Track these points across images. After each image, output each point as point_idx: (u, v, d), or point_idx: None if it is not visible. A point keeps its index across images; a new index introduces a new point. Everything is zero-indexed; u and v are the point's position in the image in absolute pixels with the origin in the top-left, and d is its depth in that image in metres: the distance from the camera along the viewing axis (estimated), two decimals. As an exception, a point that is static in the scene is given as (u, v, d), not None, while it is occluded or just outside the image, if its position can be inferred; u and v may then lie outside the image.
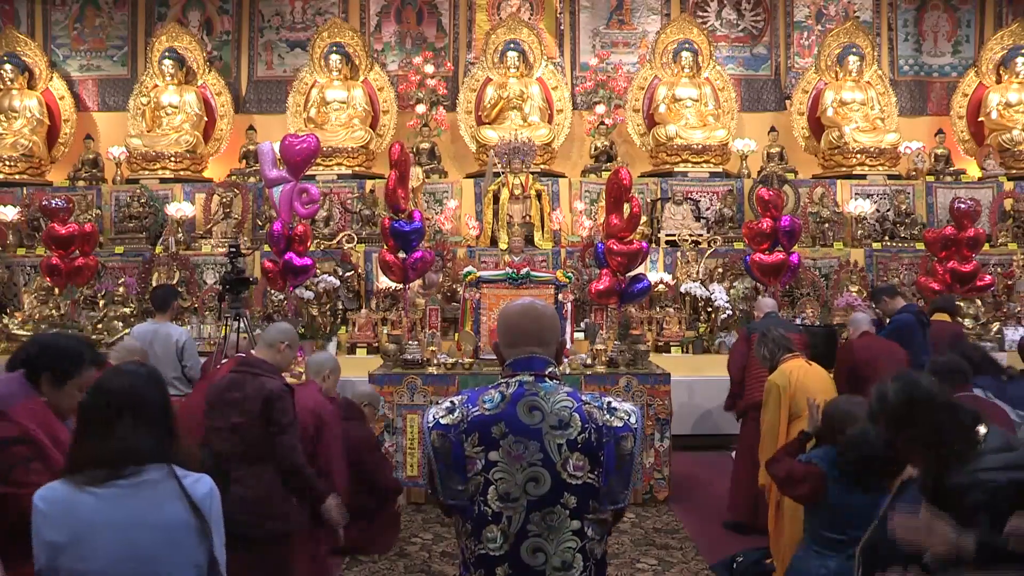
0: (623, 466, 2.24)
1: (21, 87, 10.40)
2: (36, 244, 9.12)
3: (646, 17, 11.03)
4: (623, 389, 5.97)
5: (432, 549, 5.07)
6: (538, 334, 2.32)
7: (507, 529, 2.19)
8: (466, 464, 2.20)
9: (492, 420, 2.21)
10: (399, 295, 7.80)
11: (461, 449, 2.20)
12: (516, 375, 2.29)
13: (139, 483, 2.02)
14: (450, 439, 2.21)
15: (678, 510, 5.83)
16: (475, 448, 2.20)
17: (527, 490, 2.18)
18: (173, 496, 2.04)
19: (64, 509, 1.99)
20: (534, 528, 2.19)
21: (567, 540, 2.20)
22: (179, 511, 2.03)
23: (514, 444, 2.19)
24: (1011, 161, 10.05)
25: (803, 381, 4.32)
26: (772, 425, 4.33)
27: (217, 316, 7.70)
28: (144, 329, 5.85)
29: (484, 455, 2.19)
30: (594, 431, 2.22)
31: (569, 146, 10.59)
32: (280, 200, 7.06)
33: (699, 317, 8.26)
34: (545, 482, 2.19)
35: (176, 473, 2.05)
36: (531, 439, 2.20)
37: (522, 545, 2.19)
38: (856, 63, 10.24)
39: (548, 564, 2.19)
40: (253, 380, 3.61)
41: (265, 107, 10.90)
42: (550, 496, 2.19)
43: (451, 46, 11.00)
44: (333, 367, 4.67)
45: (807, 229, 9.27)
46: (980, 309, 8.29)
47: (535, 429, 2.21)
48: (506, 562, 2.20)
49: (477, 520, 2.21)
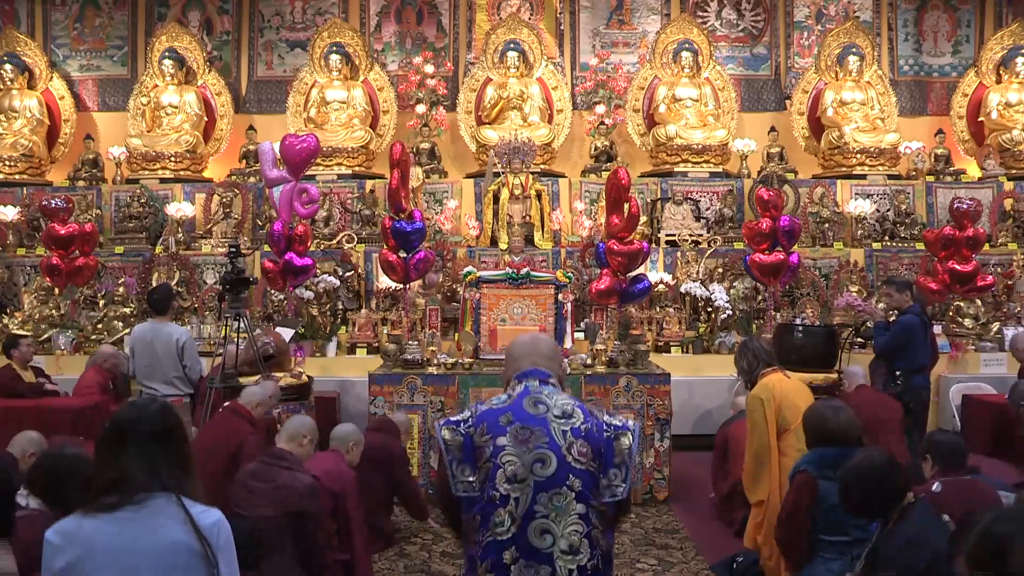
0: (623, 461, 2.34)
1: (21, 87, 10.40)
2: (36, 244, 9.11)
3: (646, 17, 11.03)
4: (623, 389, 5.98)
5: (432, 549, 5.07)
6: (542, 353, 2.51)
7: (515, 511, 2.26)
8: (475, 453, 2.31)
9: (500, 412, 2.36)
10: (399, 295, 7.80)
11: (471, 440, 2.32)
12: (521, 381, 2.44)
13: (143, 509, 2.05)
14: (460, 432, 2.34)
15: (678, 510, 5.83)
16: (483, 437, 2.32)
17: (534, 471, 2.27)
18: (177, 521, 2.05)
19: (71, 536, 2.03)
20: (541, 509, 2.26)
21: (573, 523, 2.27)
22: (181, 536, 2.04)
23: (521, 430, 2.31)
24: (1011, 161, 10.05)
25: (787, 393, 4.15)
26: (762, 441, 4.10)
27: (217, 316, 7.70)
28: (144, 329, 5.87)
29: (492, 441, 2.30)
30: (595, 425, 2.36)
31: (569, 146, 10.59)
32: (280, 200, 7.06)
33: (699, 317, 8.26)
34: (551, 463, 2.28)
35: (183, 502, 2.08)
36: (537, 425, 2.32)
37: (529, 526, 2.25)
38: (856, 63, 10.24)
39: (556, 547, 2.25)
40: (281, 473, 3.69)
41: (265, 107, 10.90)
42: (557, 476, 2.28)
43: (451, 46, 11.00)
44: (357, 439, 4.72)
45: (807, 229, 9.27)
46: (980, 309, 8.29)
47: (540, 418, 2.34)
48: (513, 545, 2.25)
49: (486, 506, 2.28)
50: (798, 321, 7.40)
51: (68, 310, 8.29)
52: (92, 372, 6.53)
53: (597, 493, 2.31)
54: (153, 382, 5.73)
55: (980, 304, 8.32)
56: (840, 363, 6.53)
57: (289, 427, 4.09)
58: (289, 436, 4.01)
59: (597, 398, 5.96)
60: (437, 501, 2.51)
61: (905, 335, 6.23)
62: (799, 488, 3.37)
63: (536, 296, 6.64)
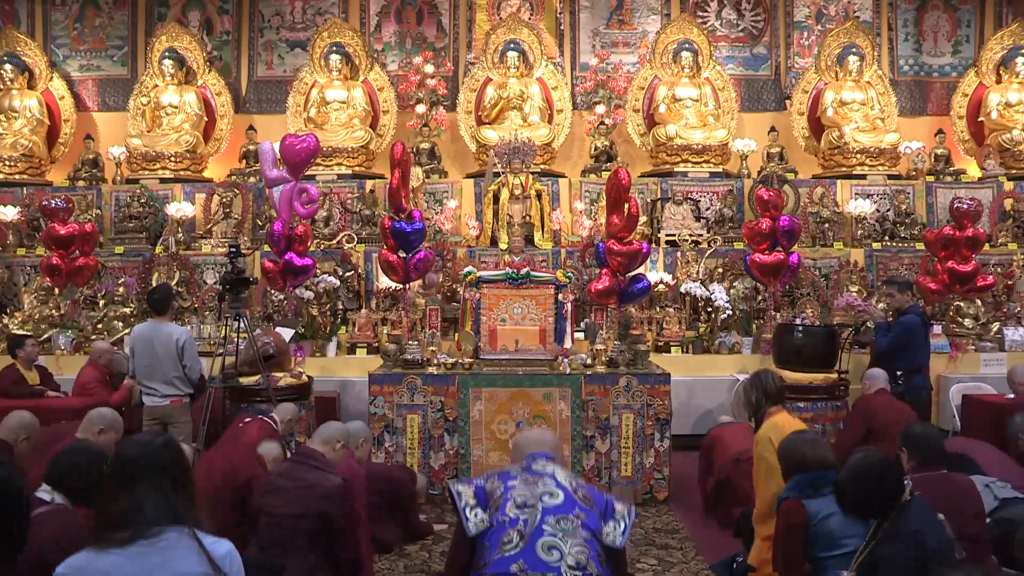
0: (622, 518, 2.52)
1: (21, 87, 10.40)
2: (36, 244, 9.11)
3: (646, 17, 11.03)
4: (623, 389, 5.97)
5: (432, 549, 5.07)
6: (547, 443, 2.74)
7: (523, 529, 2.37)
8: (487, 498, 2.51)
9: (509, 470, 2.60)
10: (399, 295, 7.80)
11: (483, 489, 2.53)
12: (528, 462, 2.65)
13: (158, 543, 2.08)
14: (473, 484, 2.55)
15: (678, 510, 5.83)
16: (494, 484, 2.54)
17: (543, 500, 2.43)
18: (192, 553, 2.09)
19: (83, 572, 2.05)
20: (549, 528, 2.40)
21: (580, 544, 2.36)
22: (197, 567, 2.08)
23: (530, 476, 2.53)
24: (1011, 161, 10.05)
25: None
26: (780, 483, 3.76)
27: (217, 316, 7.70)
28: (144, 328, 5.86)
29: (503, 485, 2.51)
30: (595, 488, 2.64)
31: (569, 146, 10.59)
32: (280, 200, 7.06)
33: (699, 317, 8.26)
34: (559, 496, 2.45)
35: (196, 534, 2.11)
36: (544, 477, 2.53)
37: (537, 542, 2.34)
38: (856, 63, 10.24)
39: (563, 562, 2.33)
40: (311, 472, 3.70)
41: (265, 107, 10.90)
42: (565, 505, 2.42)
43: (451, 46, 11.00)
44: (367, 436, 4.83)
45: (807, 229, 9.27)
46: (980, 309, 8.29)
47: (547, 472, 2.56)
48: (521, 558, 2.29)
49: (495, 532, 2.40)
50: (798, 321, 7.39)
51: (68, 310, 8.29)
52: (89, 368, 6.54)
53: (601, 534, 2.42)
54: (153, 382, 5.73)
55: (980, 304, 8.32)
56: (840, 363, 6.53)
57: (324, 431, 4.07)
58: (323, 439, 3.99)
59: (597, 398, 5.96)
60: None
61: (907, 335, 6.23)
62: (787, 514, 3.37)
63: (536, 296, 6.65)
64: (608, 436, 5.97)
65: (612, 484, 5.96)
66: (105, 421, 4.14)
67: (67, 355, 7.77)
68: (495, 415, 5.96)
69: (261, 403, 5.97)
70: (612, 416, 5.97)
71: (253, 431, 4.75)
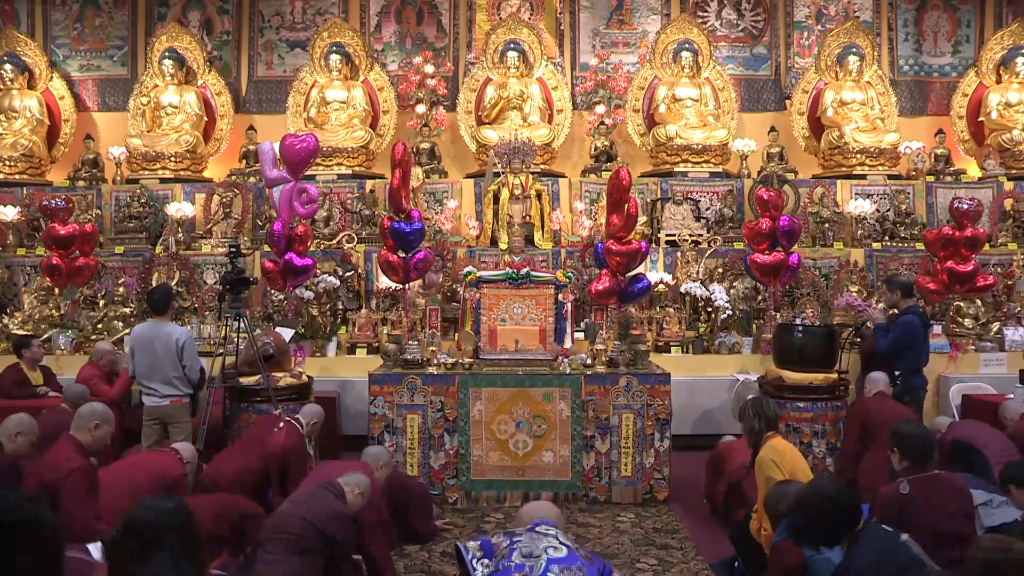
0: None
1: (21, 87, 10.40)
2: (36, 244, 9.11)
3: (646, 17, 11.03)
4: (623, 389, 5.97)
5: (432, 549, 5.07)
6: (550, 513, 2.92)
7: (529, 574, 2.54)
8: (493, 549, 2.69)
9: (515, 530, 2.77)
10: (399, 295, 7.80)
11: (490, 542, 2.72)
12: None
13: None
14: (480, 540, 2.74)
15: (678, 510, 5.84)
16: (500, 539, 2.73)
17: (547, 552, 2.60)
18: None
19: None
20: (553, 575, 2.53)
21: None
22: None
23: (534, 535, 2.70)
24: (1011, 161, 10.05)
25: (794, 459, 4.23)
26: None
27: (217, 316, 7.69)
28: (144, 329, 5.86)
29: (509, 539, 2.70)
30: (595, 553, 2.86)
31: (569, 146, 10.59)
32: (280, 200, 7.06)
33: (699, 317, 8.26)
34: (563, 550, 2.61)
35: None
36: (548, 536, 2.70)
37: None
38: (856, 63, 10.24)
39: None
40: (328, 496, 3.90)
41: (265, 107, 10.90)
42: (568, 558, 2.59)
43: (451, 46, 11.00)
44: (387, 460, 5.05)
45: (807, 229, 9.27)
46: (980, 309, 8.29)
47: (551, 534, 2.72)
48: None
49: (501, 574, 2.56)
50: (798, 321, 7.39)
51: (68, 310, 8.29)
52: (89, 367, 6.55)
53: None
54: (153, 382, 5.73)
55: (980, 304, 8.32)
56: (840, 363, 6.53)
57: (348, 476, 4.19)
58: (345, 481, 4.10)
59: (597, 398, 5.96)
60: None
61: (908, 335, 6.23)
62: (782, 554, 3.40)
63: (536, 296, 6.65)
64: (608, 436, 5.98)
65: (612, 484, 5.96)
66: (98, 416, 4.17)
67: (67, 355, 7.77)
68: (495, 415, 5.97)
69: (261, 403, 5.98)
70: (612, 416, 5.97)
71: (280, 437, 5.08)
